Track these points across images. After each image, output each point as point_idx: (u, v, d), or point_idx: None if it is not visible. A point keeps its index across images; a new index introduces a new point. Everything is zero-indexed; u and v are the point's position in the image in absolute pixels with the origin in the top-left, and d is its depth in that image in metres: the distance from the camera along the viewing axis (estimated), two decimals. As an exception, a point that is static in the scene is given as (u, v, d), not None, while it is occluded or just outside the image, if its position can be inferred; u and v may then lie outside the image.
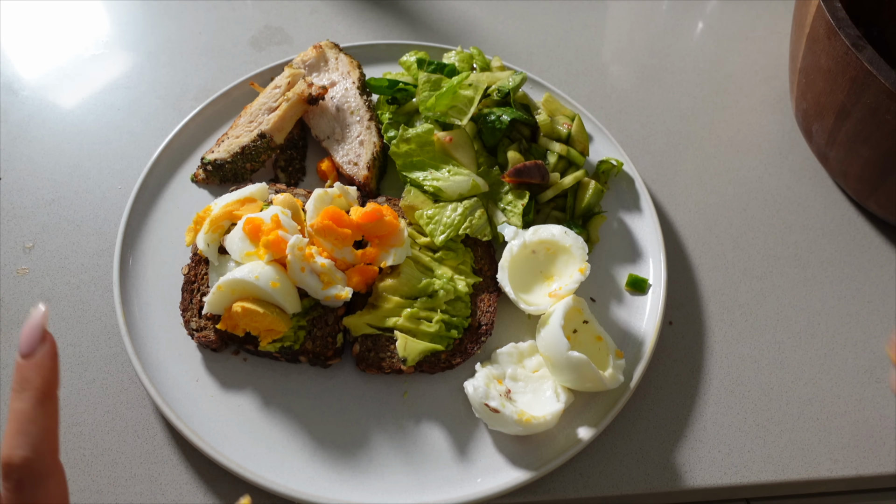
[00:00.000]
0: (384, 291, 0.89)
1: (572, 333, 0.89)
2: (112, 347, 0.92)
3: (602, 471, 0.86)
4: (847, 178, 1.09)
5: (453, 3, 1.41)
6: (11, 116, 1.15)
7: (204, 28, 1.32)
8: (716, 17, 1.44)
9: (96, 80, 1.22)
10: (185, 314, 0.89)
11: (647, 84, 1.30)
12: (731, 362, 0.96)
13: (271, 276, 0.83)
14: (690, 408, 0.92)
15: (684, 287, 1.03)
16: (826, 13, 0.94)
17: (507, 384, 0.86)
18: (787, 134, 1.23)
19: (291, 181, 1.06)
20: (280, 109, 1.05)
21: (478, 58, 1.14)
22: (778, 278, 1.05)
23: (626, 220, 1.06)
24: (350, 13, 1.37)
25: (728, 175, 1.17)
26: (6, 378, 0.88)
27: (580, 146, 1.06)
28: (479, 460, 0.83)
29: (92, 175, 1.08)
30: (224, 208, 0.90)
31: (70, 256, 0.99)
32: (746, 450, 0.88)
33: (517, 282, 0.92)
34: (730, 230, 1.10)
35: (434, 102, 1.01)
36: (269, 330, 0.84)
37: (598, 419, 0.86)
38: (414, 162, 0.99)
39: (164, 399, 0.83)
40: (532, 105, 1.09)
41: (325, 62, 1.14)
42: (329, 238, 0.88)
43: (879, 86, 0.89)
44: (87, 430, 0.85)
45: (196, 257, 0.92)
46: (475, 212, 0.96)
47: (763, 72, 1.33)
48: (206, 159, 1.04)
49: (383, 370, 0.87)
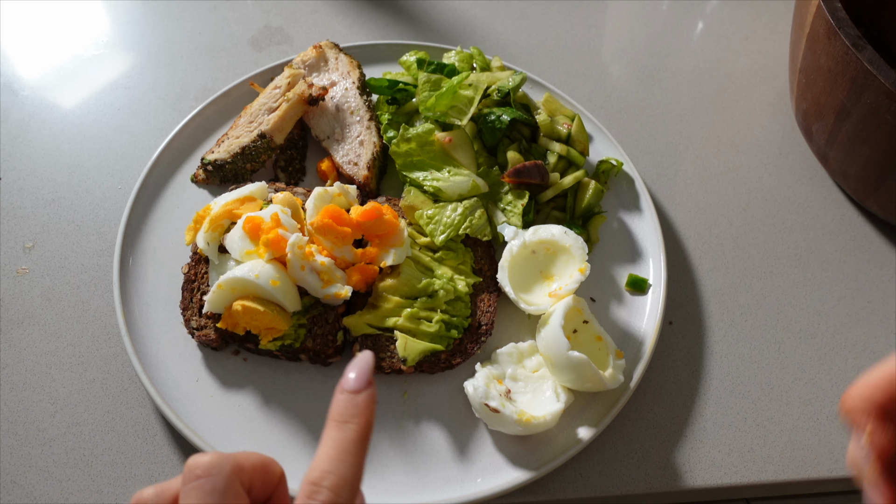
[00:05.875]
0: (384, 291, 0.89)
1: (572, 333, 0.89)
2: (112, 347, 0.92)
3: (602, 471, 0.86)
4: (847, 178, 1.09)
5: (453, 3, 1.41)
6: (11, 116, 1.15)
7: (204, 28, 1.32)
8: (716, 17, 1.44)
9: (96, 80, 1.22)
10: (185, 313, 0.89)
11: (647, 84, 1.30)
12: (731, 362, 0.96)
13: (271, 275, 0.83)
14: (690, 408, 0.92)
15: (684, 287, 1.03)
16: (826, 13, 0.94)
17: (507, 384, 0.86)
18: (787, 134, 1.23)
19: (291, 181, 1.06)
20: (280, 110, 1.05)
21: (478, 58, 1.14)
22: (778, 278, 1.05)
23: (626, 220, 1.06)
24: (350, 13, 1.37)
25: (728, 175, 1.17)
26: (6, 378, 0.88)
27: (580, 146, 1.06)
28: (479, 460, 0.83)
29: (92, 175, 1.08)
30: (224, 207, 0.90)
31: (70, 256, 0.99)
32: (746, 450, 0.88)
33: (517, 282, 0.92)
34: (730, 230, 1.10)
35: (434, 102, 1.01)
36: (270, 328, 0.84)
37: (598, 419, 0.86)
38: (414, 162, 0.99)
39: (164, 399, 0.83)
40: (532, 105, 1.09)
41: (325, 62, 1.14)
42: (329, 236, 0.88)
43: (879, 86, 0.89)
44: (87, 430, 0.85)
45: (196, 256, 0.92)
46: (475, 212, 0.96)
47: (763, 72, 1.33)
48: (206, 159, 1.04)
49: (383, 370, 0.87)
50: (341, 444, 0.48)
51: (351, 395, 0.50)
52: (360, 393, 0.50)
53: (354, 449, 0.49)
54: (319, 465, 0.48)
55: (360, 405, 0.50)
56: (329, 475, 0.47)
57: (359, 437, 0.49)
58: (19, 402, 0.87)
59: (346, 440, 0.49)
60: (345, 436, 0.49)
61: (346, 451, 0.48)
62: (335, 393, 0.51)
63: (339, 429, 0.49)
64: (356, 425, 0.49)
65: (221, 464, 0.48)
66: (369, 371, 0.51)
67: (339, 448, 0.48)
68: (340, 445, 0.48)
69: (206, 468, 0.47)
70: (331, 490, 0.46)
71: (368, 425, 0.50)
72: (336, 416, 0.50)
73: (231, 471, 0.48)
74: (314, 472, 0.47)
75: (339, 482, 0.47)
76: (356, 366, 0.51)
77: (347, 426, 0.49)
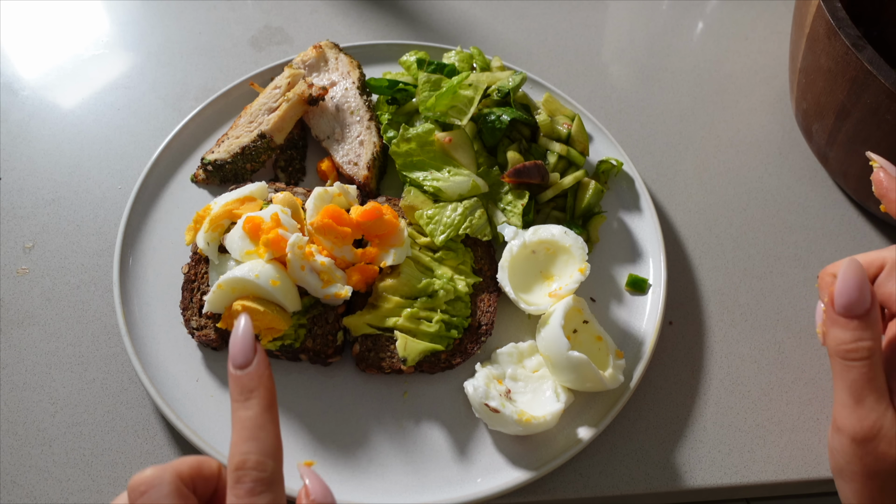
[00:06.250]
0: (384, 291, 0.89)
1: (572, 333, 0.89)
2: (112, 347, 0.92)
3: (602, 471, 0.86)
4: (847, 178, 1.09)
5: (453, 3, 1.41)
6: (11, 116, 1.15)
7: (204, 28, 1.32)
8: (716, 17, 1.44)
9: (96, 80, 1.22)
10: (185, 313, 0.89)
11: (647, 84, 1.30)
12: (731, 362, 0.96)
13: (271, 275, 0.83)
14: (690, 408, 0.92)
15: (684, 287, 1.03)
16: (826, 13, 0.94)
17: (507, 384, 0.86)
18: (787, 134, 1.23)
19: (291, 181, 1.06)
20: (280, 110, 1.05)
21: (478, 58, 1.14)
22: (778, 278, 1.05)
23: (626, 220, 1.06)
24: (350, 13, 1.37)
25: (728, 175, 1.17)
26: (6, 378, 0.88)
27: (580, 146, 1.06)
28: (479, 460, 0.83)
29: (92, 175, 1.08)
30: (224, 207, 0.90)
31: (70, 256, 0.99)
32: (746, 450, 0.88)
33: (517, 282, 0.92)
34: (730, 230, 1.10)
35: (434, 102, 1.01)
36: (270, 328, 0.84)
37: (598, 419, 0.86)
38: (414, 162, 0.99)
39: (164, 399, 0.83)
40: (532, 105, 1.09)
41: (325, 62, 1.14)
42: (329, 236, 0.88)
43: (879, 86, 0.89)
44: (87, 430, 0.85)
45: (196, 256, 0.92)
46: (475, 212, 0.96)
47: (763, 72, 1.33)
48: (207, 159, 1.04)
49: (383, 370, 0.87)
50: (250, 422, 0.50)
51: (240, 372, 0.51)
52: (247, 366, 0.51)
53: (263, 422, 0.50)
54: (236, 448, 0.49)
55: (254, 377, 0.51)
56: (249, 455, 0.48)
57: (263, 408, 0.50)
58: (19, 402, 0.87)
59: (253, 416, 0.50)
60: (250, 413, 0.50)
61: (257, 426, 0.49)
62: (228, 373, 0.52)
63: (243, 407, 0.50)
64: (257, 398, 0.50)
65: (161, 474, 0.49)
66: (249, 340, 0.52)
67: (249, 426, 0.49)
68: (249, 423, 0.50)
69: (148, 482, 0.48)
70: (255, 469, 0.48)
71: (270, 392, 0.51)
72: (236, 396, 0.51)
73: (171, 477, 0.49)
74: (234, 458, 0.48)
75: (260, 458, 0.48)
76: (236, 341, 0.52)
77: (249, 402, 0.50)
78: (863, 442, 0.66)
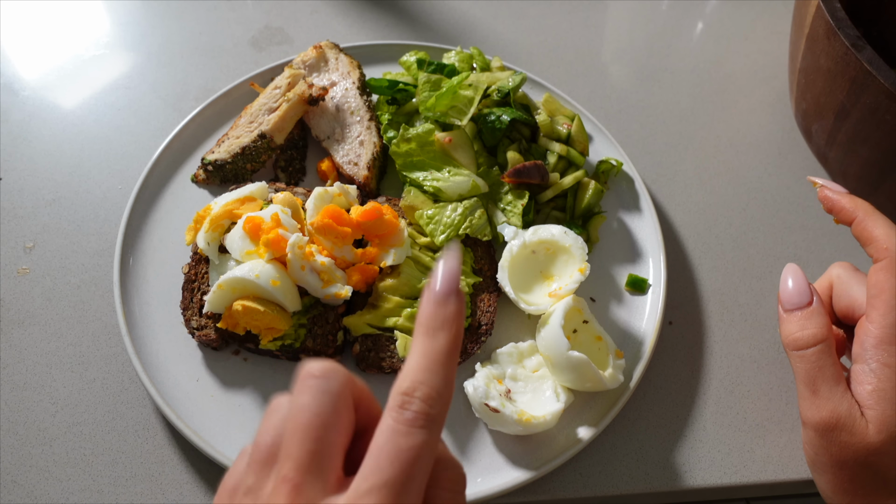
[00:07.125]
0: (384, 291, 0.89)
1: (572, 333, 0.89)
2: (112, 347, 0.92)
3: (602, 471, 0.86)
4: (847, 178, 1.09)
5: (453, 3, 1.41)
6: (11, 116, 1.15)
7: (204, 28, 1.32)
8: (716, 17, 1.44)
9: (96, 80, 1.22)
10: (185, 313, 0.89)
11: (647, 84, 1.30)
12: (731, 362, 0.96)
13: (272, 275, 0.83)
14: (690, 408, 0.92)
15: (684, 287, 1.03)
16: (826, 13, 0.94)
17: (507, 384, 0.86)
18: (787, 134, 1.23)
19: (291, 181, 1.06)
20: (280, 110, 1.05)
21: (478, 58, 1.14)
22: (778, 278, 1.04)
23: (626, 220, 1.06)
24: (350, 13, 1.37)
25: (728, 175, 1.17)
26: (6, 378, 0.88)
27: (580, 146, 1.06)
28: (479, 460, 0.83)
29: (92, 175, 1.08)
30: (224, 207, 0.90)
31: (70, 256, 1.00)
32: (746, 450, 0.89)
33: (517, 282, 0.92)
34: (730, 230, 1.10)
35: (434, 102, 1.01)
36: (270, 328, 0.84)
37: (598, 419, 0.86)
38: (414, 162, 0.99)
39: (164, 399, 0.83)
40: (532, 105, 1.09)
41: (325, 62, 1.14)
42: (329, 236, 0.88)
43: (879, 86, 0.89)
44: (87, 430, 0.85)
45: (196, 256, 0.92)
46: (475, 212, 0.96)
47: (763, 72, 1.33)
48: (207, 160, 1.04)
49: (383, 370, 0.87)
50: (432, 355, 0.45)
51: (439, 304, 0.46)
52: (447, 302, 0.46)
53: (445, 360, 0.45)
54: (410, 374, 0.45)
55: (449, 316, 0.46)
56: (421, 385, 0.44)
57: (448, 348, 0.46)
58: (19, 401, 0.87)
59: (437, 351, 0.45)
60: (436, 345, 0.45)
61: (438, 361, 0.45)
62: (422, 301, 0.47)
63: (430, 337, 0.46)
64: (446, 335, 0.46)
65: (337, 370, 0.46)
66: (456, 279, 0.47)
67: (431, 358, 0.45)
68: (432, 356, 0.45)
69: (322, 371, 0.45)
70: (423, 401, 0.44)
71: (458, 337, 0.46)
72: (425, 325, 0.46)
73: (345, 378, 0.46)
74: (405, 382, 0.44)
75: (431, 393, 0.44)
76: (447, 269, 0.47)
77: (438, 335, 0.46)
78: (825, 432, 0.68)
